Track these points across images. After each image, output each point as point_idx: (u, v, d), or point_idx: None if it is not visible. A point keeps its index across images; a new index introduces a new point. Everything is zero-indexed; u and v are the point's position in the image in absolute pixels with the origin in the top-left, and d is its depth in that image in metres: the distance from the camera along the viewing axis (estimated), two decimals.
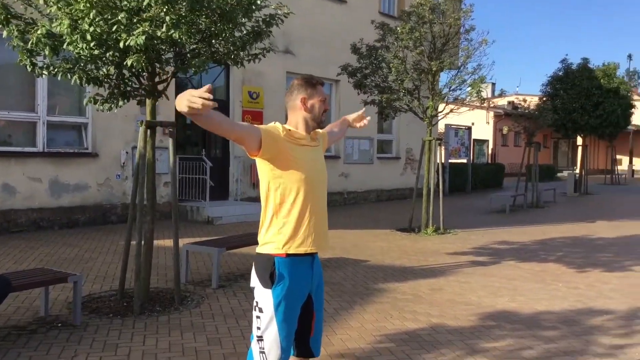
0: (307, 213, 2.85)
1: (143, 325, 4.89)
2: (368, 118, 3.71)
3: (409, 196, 14.50)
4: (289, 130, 2.90)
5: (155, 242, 8.23)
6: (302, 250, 2.85)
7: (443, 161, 18.91)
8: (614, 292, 6.40)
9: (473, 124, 27.30)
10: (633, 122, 29.88)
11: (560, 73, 21.48)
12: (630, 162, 35.75)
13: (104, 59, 5.27)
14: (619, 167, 30.88)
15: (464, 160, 20.69)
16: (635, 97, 32.75)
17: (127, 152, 10.78)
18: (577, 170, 21.97)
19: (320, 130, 3.15)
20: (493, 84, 44.97)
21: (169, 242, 8.04)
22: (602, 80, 21.49)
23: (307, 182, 2.85)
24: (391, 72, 10.53)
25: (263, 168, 2.82)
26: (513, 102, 20.14)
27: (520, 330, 4.96)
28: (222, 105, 12.88)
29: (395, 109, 11.39)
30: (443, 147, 19.65)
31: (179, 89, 11.94)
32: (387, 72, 10.84)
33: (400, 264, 7.65)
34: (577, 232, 11.01)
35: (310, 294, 2.95)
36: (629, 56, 65.05)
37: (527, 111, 17.05)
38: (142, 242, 5.47)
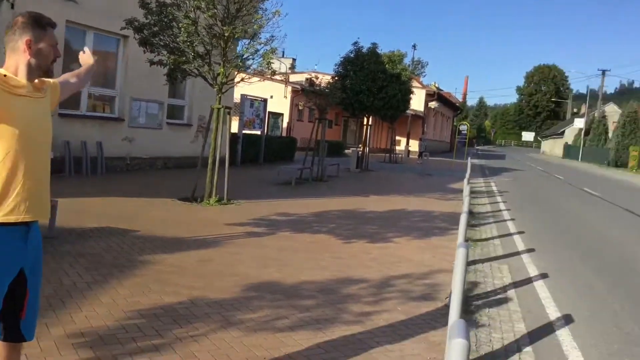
0: (21, 176, 2.44)
1: None
2: (94, 58, 3.24)
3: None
4: (4, 75, 2.44)
5: None
6: (12, 218, 2.44)
7: (237, 131, 18.93)
8: (372, 261, 6.86)
9: (272, 96, 27.72)
10: (412, 107, 32.98)
11: (352, 55, 22.68)
12: (408, 143, 39.54)
13: None
14: (398, 148, 33.96)
15: (258, 132, 20.87)
16: (416, 84, 36.16)
17: None
18: (361, 148, 23.53)
19: (50, 80, 2.72)
20: (294, 60, 46.24)
21: None
22: (387, 66, 23.21)
23: (22, 140, 2.43)
24: (181, 33, 10.03)
25: None
26: (310, 79, 20.79)
27: (279, 301, 5.02)
28: None
29: (185, 73, 10.92)
30: (238, 117, 19.62)
31: None
32: (177, 32, 10.31)
33: (173, 234, 7.33)
34: (352, 205, 11.72)
35: (24, 270, 2.55)
36: (414, 46, 72.13)
37: (318, 88, 17.71)
38: None
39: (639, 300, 6.49)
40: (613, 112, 59.49)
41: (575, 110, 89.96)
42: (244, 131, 19.34)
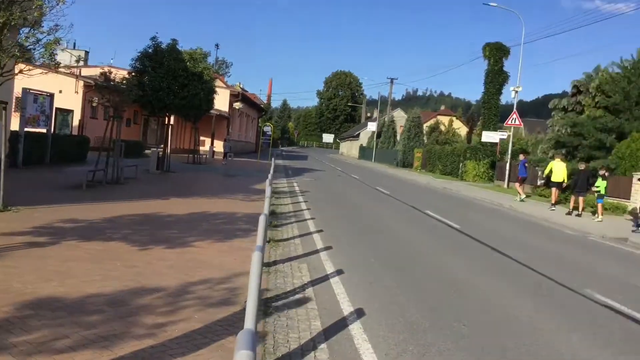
0: None
1: None
2: None
3: None
4: None
5: None
6: None
7: (17, 129, 16.92)
8: (170, 268, 6.53)
9: (61, 91, 25.37)
10: (216, 107, 32.67)
11: (150, 50, 21.71)
12: (212, 143, 39.14)
13: None
14: (202, 148, 33.42)
15: (44, 130, 18.91)
16: (220, 84, 35.94)
17: None
18: (162, 148, 22.64)
19: None
20: (86, 52, 43.01)
21: None
22: (188, 64, 22.64)
23: None
24: None
25: None
26: (105, 73, 19.34)
27: (61, 318, 4.50)
28: None
29: None
30: (19, 113, 17.58)
31: None
32: None
33: None
34: (150, 209, 11.13)
35: None
36: (216, 45, 72.04)
37: (113, 84, 16.62)
38: None
39: (423, 291, 7.09)
40: (400, 117, 65.70)
41: (368, 114, 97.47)
42: (26, 129, 17.35)
